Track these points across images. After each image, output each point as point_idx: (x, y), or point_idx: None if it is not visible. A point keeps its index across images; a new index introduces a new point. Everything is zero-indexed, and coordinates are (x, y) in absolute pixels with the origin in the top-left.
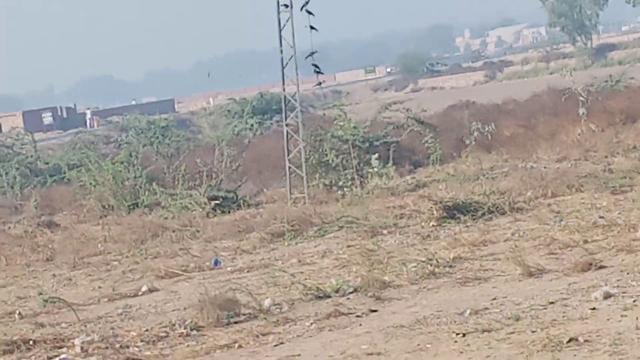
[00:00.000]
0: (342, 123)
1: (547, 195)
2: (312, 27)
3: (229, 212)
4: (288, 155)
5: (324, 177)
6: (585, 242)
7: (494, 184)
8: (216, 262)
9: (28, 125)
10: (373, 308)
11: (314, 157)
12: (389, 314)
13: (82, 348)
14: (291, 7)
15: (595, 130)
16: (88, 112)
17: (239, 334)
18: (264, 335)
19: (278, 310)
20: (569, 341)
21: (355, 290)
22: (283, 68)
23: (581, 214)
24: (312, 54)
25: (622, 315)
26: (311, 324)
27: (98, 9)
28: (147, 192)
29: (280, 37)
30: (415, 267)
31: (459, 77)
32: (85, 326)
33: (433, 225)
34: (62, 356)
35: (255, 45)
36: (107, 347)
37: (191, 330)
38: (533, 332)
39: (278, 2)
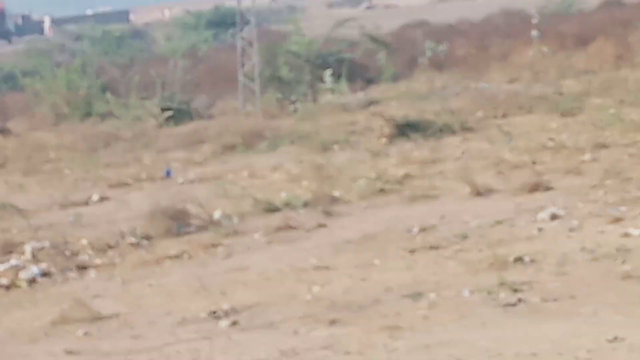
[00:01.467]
0: (296, 38)
1: (498, 116)
2: None
3: (182, 123)
4: (242, 69)
5: (277, 92)
6: (534, 163)
7: (445, 103)
8: (168, 173)
9: None
10: (322, 223)
11: (268, 71)
12: (338, 229)
13: (32, 254)
14: None
15: (547, 52)
16: (47, 19)
17: (189, 245)
18: (213, 246)
19: (228, 222)
20: (515, 260)
21: (305, 204)
22: None
23: (530, 136)
24: None
25: (567, 237)
26: (260, 236)
27: None
28: (100, 102)
29: None
30: (365, 183)
31: None
32: (36, 233)
33: (384, 143)
34: (12, 262)
35: None
36: (58, 254)
37: (141, 239)
38: (480, 250)
39: None
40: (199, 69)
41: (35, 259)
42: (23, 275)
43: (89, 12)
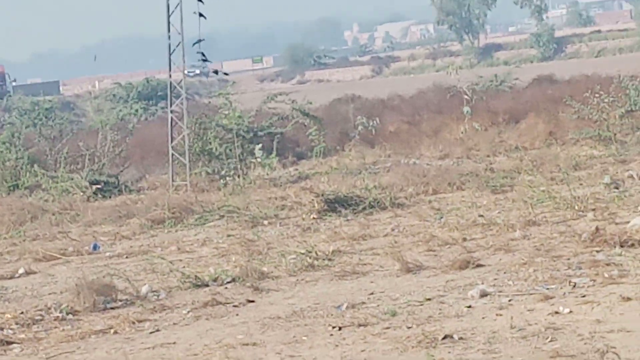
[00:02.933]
0: (227, 112)
1: (429, 192)
2: (200, 15)
3: (110, 197)
4: (172, 142)
5: (207, 166)
6: (464, 240)
7: (376, 178)
8: (95, 247)
9: None
10: (250, 298)
11: (198, 145)
12: (266, 305)
13: None
14: None
15: (479, 129)
16: None
17: (115, 320)
18: (140, 321)
19: (155, 297)
20: (444, 338)
21: (234, 279)
22: (170, 54)
23: (461, 212)
24: (199, 41)
25: (497, 314)
26: (188, 312)
27: None
28: (28, 174)
29: (169, 22)
30: (294, 259)
31: (346, 71)
32: None
33: (314, 218)
34: None
35: (144, 31)
36: None
37: (67, 314)
38: (409, 327)
39: None
40: (128, 141)
41: None
42: None
43: (14, 83)
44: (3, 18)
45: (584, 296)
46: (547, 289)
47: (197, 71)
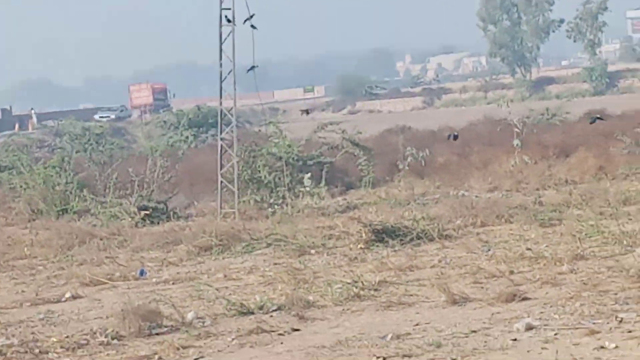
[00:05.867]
0: (277, 140)
1: (477, 225)
2: (252, 26)
3: (159, 223)
4: (221, 169)
5: (256, 194)
6: (511, 273)
7: (424, 210)
8: (142, 273)
9: None
10: (296, 327)
11: (247, 172)
12: (311, 334)
13: (0, 351)
14: (234, 21)
15: (529, 162)
16: (34, 113)
17: (160, 346)
18: (184, 348)
19: (201, 324)
20: None
21: (279, 308)
22: (221, 82)
23: (509, 245)
24: (252, 68)
25: (542, 348)
26: (233, 339)
27: (36, 12)
28: (77, 199)
29: (221, 50)
30: (340, 288)
31: (397, 102)
32: (6, 329)
33: (361, 248)
34: None
35: (196, 57)
36: (26, 352)
37: (112, 339)
38: (453, 359)
39: (221, 16)
40: (178, 168)
41: (3, 356)
42: None
43: (81, 107)
44: (56, 43)
45: (630, 331)
46: (594, 323)
47: (112, 115)
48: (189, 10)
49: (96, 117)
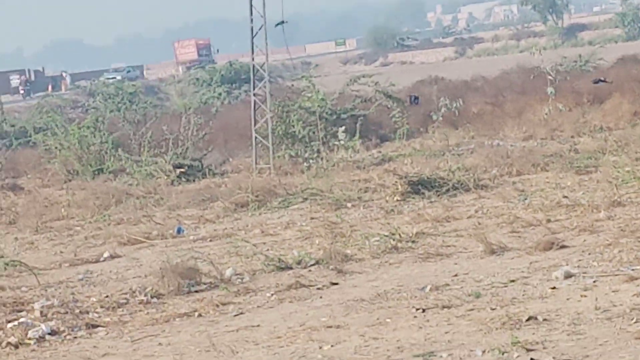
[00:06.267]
0: (310, 94)
1: (512, 174)
2: None
3: (194, 180)
4: (255, 125)
5: (290, 148)
6: (548, 221)
7: (459, 160)
8: (179, 230)
9: None
10: (334, 281)
11: (281, 127)
12: (349, 287)
13: (41, 312)
14: None
15: (563, 109)
16: (66, 75)
17: (199, 303)
18: (224, 304)
19: (239, 280)
20: (528, 319)
21: (317, 262)
22: (252, 37)
23: (545, 193)
24: (281, 22)
25: (581, 295)
26: (272, 294)
27: None
28: (112, 158)
29: (251, 6)
30: (377, 241)
31: (429, 53)
32: (46, 290)
33: (397, 200)
34: (22, 320)
35: (226, 14)
36: (66, 312)
37: (151, 297)
38: (493, 309)
39: None
40: (211, 125)
41: (44, 317)
42: (32, 333)
43: (112, 68)
44: (87, 3)
45: None
46: (632, 269)
47: (119, 77)
48: None
49: (101, 78)
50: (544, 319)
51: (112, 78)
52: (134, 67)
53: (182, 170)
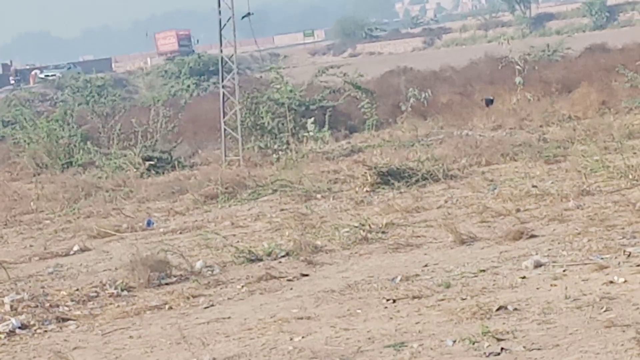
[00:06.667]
0: (278, 86)
1: (482, 164)
2: None
3: (164, 173)
4: (224, 117)
5: (259, 140)
6: (518, 210)
7: (428, 150)
8: (149, 223)
9: None
10: (304, 272)
11: (250, 119)
12: (320, 279)
13: (11, 306)
14: None
15: (531, 99)
16: (35, 71)
17: (170, 296)
18: (194, 297)
19: (209, 272)
20: (498, 309)
21: (287, 254)
22: (221, 29)
23: (514, 183)
24: (248, 14)
25: (551, 285)
26: (242, 286)
27: None
28: (81, 151)
29: None
30: (347, 232)
31: (397, 43)
32: (16, 284)
33: (367, 191)
34: None
35: (194, 5)
36: (37, 306)
37: (122, 290)
38: (463, 299)
39: None
40: (181, 117)
41: (14, 311)
42: (2, 327)
43: (70, 62)
44: None
45: (638, 265)
46: (602, 258)
47: (58, 73)
48: None
49: (41, 75)
50: (514, 309)
51: (52, 75)
52: (75, 64)
53: (151, 162)
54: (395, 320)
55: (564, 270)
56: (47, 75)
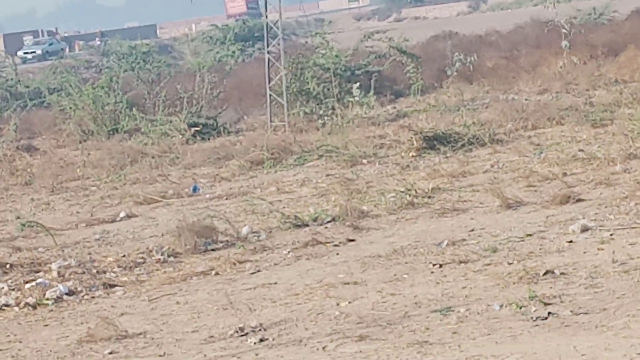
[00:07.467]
0: (324, 51)
1: (528, 128)
2: None
3: (209, 139)
4: (269, 82)
5: (305, 106)
6: (565, 175)
7: (474, 115)
8: (195, 189)
9: (9, 49)
10: (351, 237)
11: (295, 85)
12: (366, 244)
13: (58, 273)
14: None
15: (577, 63)
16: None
17: (216, 261)
18: (241, 262)
19: (256, 238)
20: (545, 273)
21: (334, 219)
22: None
23: (561, 147)
24: None
25: (598, 249)
26: (288, 252)
27: None
28: (127, 118)
29: None
30: (393, 197)
31: (442, 8)
32: (63, 251)
33: (413, 156)
34: (39, 280)
35: None
36: (83, 272)
37: (168, 256)
38: (510, 264)
39: None
40: (226, 83)
41: (61, 277)
42: (49, 293)
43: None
44: None
45: None
46: None
47: (38, 51)
48: None
49: (20, 53)
50: (561, 273)
51: (32, 52)
52: (58, 40)
53: (196, 128)
54: (442, 285)
55: (611, 234)
56: (27, 53)
